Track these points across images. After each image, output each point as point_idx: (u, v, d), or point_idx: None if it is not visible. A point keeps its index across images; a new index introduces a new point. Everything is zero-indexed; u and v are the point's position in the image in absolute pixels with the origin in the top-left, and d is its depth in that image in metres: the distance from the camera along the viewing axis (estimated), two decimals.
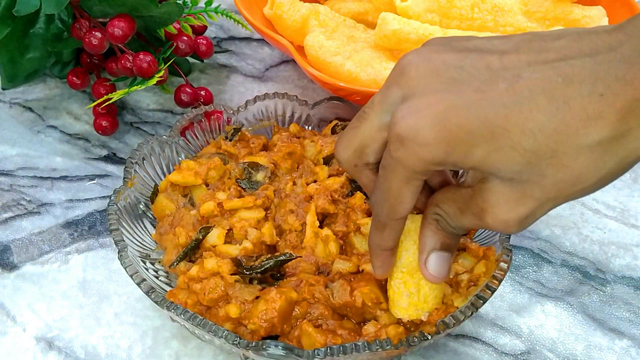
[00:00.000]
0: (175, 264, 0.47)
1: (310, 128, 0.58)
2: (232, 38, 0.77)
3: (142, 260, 0.47)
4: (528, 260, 0.54)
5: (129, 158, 0.52)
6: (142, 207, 0.51)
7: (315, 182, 0.51)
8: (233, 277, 0.44)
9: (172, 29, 0.65)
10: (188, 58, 0.68)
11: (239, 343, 0.40)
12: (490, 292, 0.42)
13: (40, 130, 0.65)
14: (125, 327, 0.49)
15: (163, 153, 0.54)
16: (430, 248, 0.39)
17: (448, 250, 0.39)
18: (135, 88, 0.59)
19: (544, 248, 0.55)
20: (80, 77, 0.66)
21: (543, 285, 0.53)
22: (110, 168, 0.61)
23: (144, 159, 0.52)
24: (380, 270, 0.41)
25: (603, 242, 0.56)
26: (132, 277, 0.43)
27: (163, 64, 0.61)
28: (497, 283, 0.42)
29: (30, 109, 0.67)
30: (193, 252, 0.47)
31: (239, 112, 0.57)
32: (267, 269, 0.45)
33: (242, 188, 0.51)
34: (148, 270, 0.47)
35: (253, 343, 0.40)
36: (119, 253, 0.45)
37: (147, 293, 0.43)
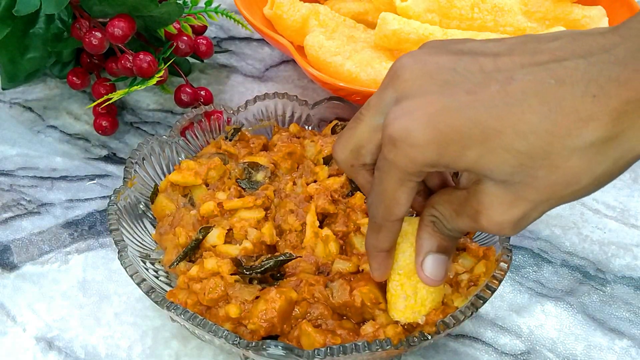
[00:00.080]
0: (175, 264, 0.47)
1: (310, 128, 0.58)
2: (232, 38, 0.77)
3: (142, 260, 0.47)
4: (528, 260, 0.54)
5: (129, 158, 0.52)
6: (142, 207, 0.52)
7: (315, 182, 0.51)
8: (233, 277, 0.44)
9: (172, 29, 0.65)
10: (188, 58, 0.68)
11: (239, 343, 0.40)
12: (490, 292, 0.42)
13: (40, 130, 0.65)
14: (125, 327, 0.49)
15: (163, 153, 0.54)
16: (427, 250, 0.39)
17: (445, 253, 0.39)
18: (135, 88, 0.59)
19: (544, 248, 0.55)
20: (80, 77, 0.66)
21: (543, 285, 0.53)
22: (110, 168, 0.61)
23: (144, 159, 0.52)
24: (378, 273, 0.41)
25: (603, 242, 0.56)
26: (132, 277, 0.44)
27: (163, 64, 0.61)
28: (497, 283, 0.42)
29: (30, 109, 0.67)
30: (193, 252, 0.47)
31: (239, 112, 0.57)
32: (267, 269, 0.45)
33: (242, 188, 0.51)
34: (148, 270, 0.47)
35: (253, 343, 0.40)
36: (119, 253, 0.45)
37: (147, 293, 0.43)
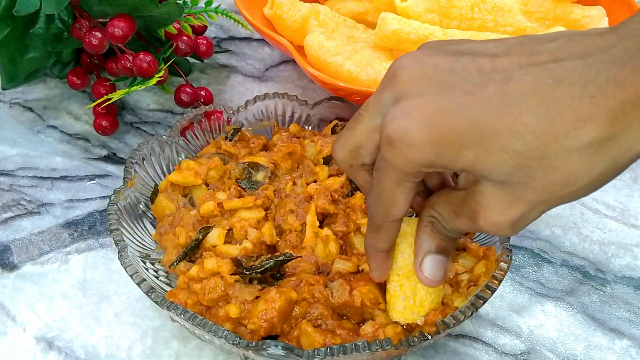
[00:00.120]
0: (175, 264, 0.47)
1: (310, 128, 0.58)
2: (232, 38, 0.77)
3: (142, 260, 0.47)
4: (528, 260, 0.54)
5: (129, 158, 0.52)
6: (142, 207, 0.51)
7: (315, 182, 0.51)
8: (233, 277, 0.44)
9: (172, 29, 0.65)
10: (188, 58, 0.68)
11: (239, 343, 0.40)
12: (490, 292, 0.42)
13: (40, 130, 0.65)
14: (125, 327, 0.49)
15: (163, 153, 0.54)
16: (426, 251, 0.39)
17: (444, 254, 0.39)
18: (135, 88, 0.59)
19: (544, 248, 0.55)
20: (80, 77, 0.66)
21: (543, 285, 0.53)
22: (110, 168, 0.61)
23: (144, 159, 0.52)
24: (377, 273, 0.41)
25: (603, 242, 0.56)
26: (132, 277, 0.43)
27: (163, 64, 0.61)
28: (497, 283, 0.42)
29: (30, 109, 0.67)
30: (193, 252, 0.47)
31: (239, 112, 0.57)
32: (267, 269, 0.45)
33: (242, 188, 0.51)
34: (148, 270, 0.47)
35: (253, 343, 0.40)
36: (119, 253, 0.45)
37: (147, 293, 0.43)
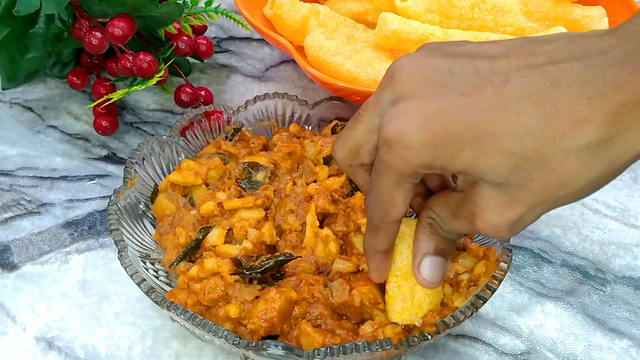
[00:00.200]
0: (175, 264, 0.47)
1: (310, 128, 0.58)
2: (232, 38, 0.77)
3: (142, 260, 0.47)
4: (528, 260, 0.54)
5: (129, 158, 0.52)
6: (142, 207, 0.51)
7: (315, 182, 0.51)
8: (233, 277, 0.44)
9: (172, 29, 0.65)
10: (188, 58, 0.68)
11: (239, 343, 0.40)
12: (490, 292, 0.42)
13: (40, 130, 0.65)
14: (125, 327, 0.49)
15: (163, 153, 0.54)
16: (424, 252, 0.39)
17: (442, 255, 0.39)
18: (135, 88, 0.59)
19: (544, 248, 0.55)
20: (80, 77, 0.66)
21: (543, 285, 0.53)
22: (110, 168, 0.61)
23: (144, 159, 0.52)
24: (376, 274, 0.41)
25: (603, 242, 0.56)
26: (132, 277, 0.43)
27: (163, 64, 0.61)
28: (497, 283, 0.42)
29: (30, 109, 0.67)
30: (193, 252, 0.47)
31: (239, 112, 0.57)
32: (267, 269, 0.45)
33: (242, 188, 0.51)
34: (148, 270, 0.47)
35: (253, 343, 0.40)
36: (119, 253, 0.45)
37: (147, 293, 0.43)
